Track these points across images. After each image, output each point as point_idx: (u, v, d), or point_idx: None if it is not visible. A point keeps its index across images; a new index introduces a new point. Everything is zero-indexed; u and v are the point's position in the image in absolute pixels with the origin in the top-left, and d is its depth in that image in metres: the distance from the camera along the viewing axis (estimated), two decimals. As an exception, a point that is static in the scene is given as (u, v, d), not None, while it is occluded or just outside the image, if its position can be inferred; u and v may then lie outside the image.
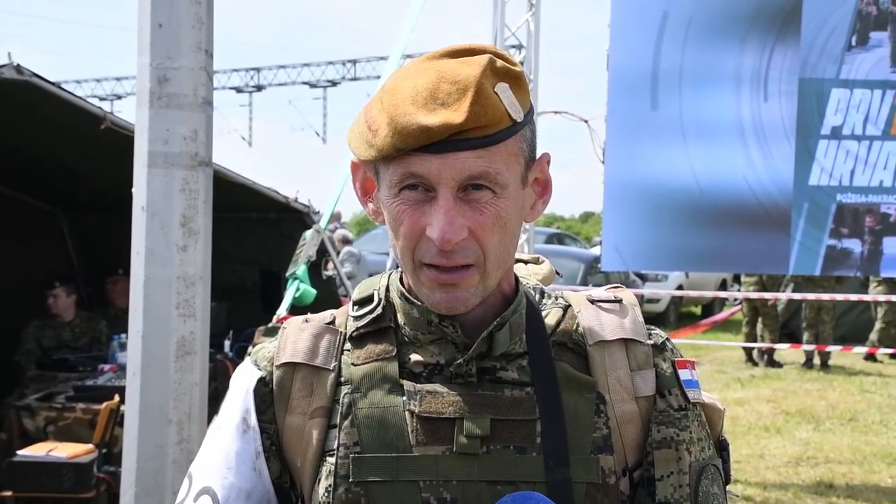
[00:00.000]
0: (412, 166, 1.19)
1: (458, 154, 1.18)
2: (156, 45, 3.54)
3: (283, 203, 7.87)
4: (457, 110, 1.17)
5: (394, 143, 1.18)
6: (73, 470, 5.02)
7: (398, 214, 1.23)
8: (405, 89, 1.20)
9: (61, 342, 7.24)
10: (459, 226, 1.20)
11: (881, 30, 6.57)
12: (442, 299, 1.25)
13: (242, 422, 1.34)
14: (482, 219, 1.22)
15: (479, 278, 1.25)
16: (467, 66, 1.20)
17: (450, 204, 1.20)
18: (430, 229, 1.20)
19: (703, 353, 13.41)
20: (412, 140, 1.17)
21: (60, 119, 6.02)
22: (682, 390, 1.35)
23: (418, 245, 1.23)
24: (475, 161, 1.19)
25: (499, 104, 1.19)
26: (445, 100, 1.17)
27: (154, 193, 3.59)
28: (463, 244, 1.21)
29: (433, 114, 1.17)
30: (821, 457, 7.81)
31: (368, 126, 1.22)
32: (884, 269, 6.83)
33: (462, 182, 1.20)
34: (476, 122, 1.17)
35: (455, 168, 1.19)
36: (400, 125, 1.17)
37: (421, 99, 1.18)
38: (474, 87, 1.17)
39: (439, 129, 1.16)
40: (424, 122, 1.16)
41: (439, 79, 1.19)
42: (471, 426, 1.26)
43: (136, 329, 3.65)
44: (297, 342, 1.36)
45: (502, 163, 1.21)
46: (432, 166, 1.19)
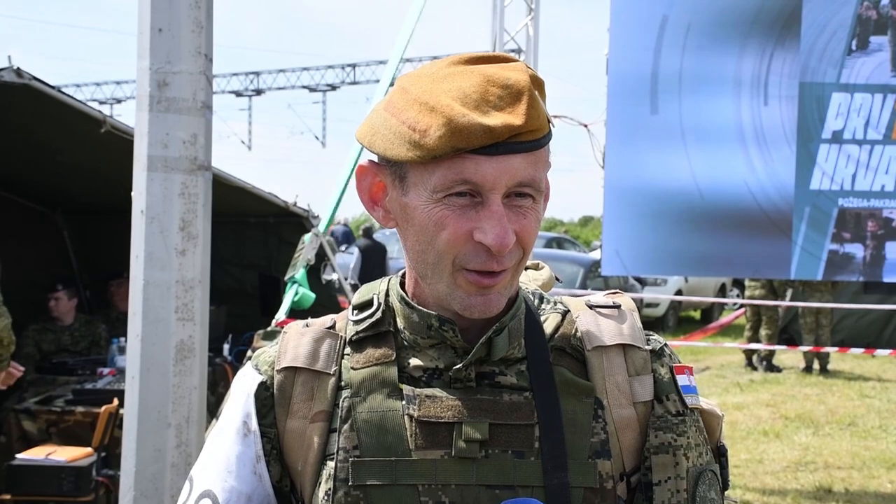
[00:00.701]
0: (465, 172, 1.19)
1: (513, 158, 1.20)
2: (155, 49, 3.55)
3: (283, 207, 7.87)
4: (513, 113, 1.19)
5: (452, 143, 1.18)
6: (72, 473, 5.02)
7: (441, 219, 1.22)
8: (449, 90, 1.21)
9: (60, 346, 7.24)
10: (511, 231, 1.21)
11: (881, 34, 6.57)
12: (478, 303, 1.25)
13: (243, 426, 1.35)
14: (526, 222, 1.24)
15: (510, 279, 1.27)
16: (514, 72, 1.22)
17: (501, 210, 1.21)
18: (482, 235, 1.20)
19: (703, 357, 13.42)
20: (473, 140, 1.18)
21: (60, 122, 6.02)
22: (679, 396, 1.35)
23: (462, 249, 1.23)
24: (525, 166, 1.21)
25: (543, 110, 1.22)
26: (497, 103, 1.19)
27: (153, 197, 3.59)
28: (511, 248, 1.23)
29: (489, 116, 1.18)
30: (820, 462, 7.81)
31: (410, 127, 1.21)
32: (886, 274, 6.83)
33: (512, 188, 1.21)
34: (531, 126, 1.20)
35: (509, 173, 1.20)
36: (460, 125, 1.17)
37: (471, 101, 1.19)
38: (528, 92, 1.20)
39: (501, 129, 1.18)
40: (486, 123, 1.17)
41: (487, 82, 1.20)
42: (469, 430, 1.26)
43: (135, 333, 3.65)
44: (298, 347, 1.36)
45: (542, 169, 1.24)
46: (487, 171, 1.19)
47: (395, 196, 1.28)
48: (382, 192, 1.31)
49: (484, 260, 1.22)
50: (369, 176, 1.32)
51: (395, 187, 1.27)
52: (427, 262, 1.26)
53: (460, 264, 1.24)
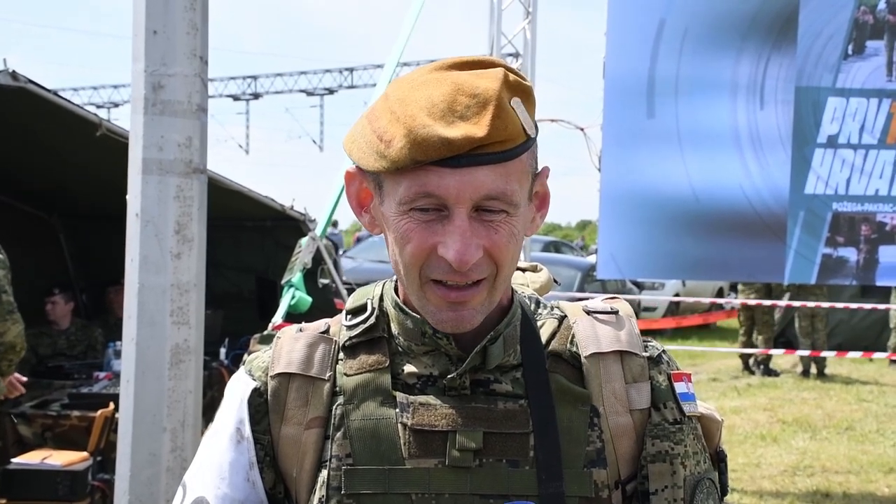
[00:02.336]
0: (428, 185, 1.17)
1: (477, 170, 1.16)
2: (150, 51, 3.53)
3: (279, 211, 7.86)
4: (477, 124, 1.14)
5: (412, 155, 1.15)
6: (67, 478, 5.00)
7: (407, 232, 1.20)
8: (418, 100, 1.17)
9: (57, 350, 7.22)
10: (476, 246, 1.18)
11: (878, 39, 6.58)
12: (449, 318, 1.23)
13: (236, 432, 1.33)
14: (497, 237, 1.20)
15: (487, 294, 1.24)
16: (485, 80, 1.18)
17: (465, 225, 1.18)
18: (444, 249, 1.18)
19: (700, 361, 13.41)
20: (432, 152, 1.14)
21: (56, 126, 6.01)
22: (677, 403, 1.33)
23: (427, 262, 1.21)
24: (493, 179, 1.17)
25: (516, 119, 1.18)
26: (464, 113, 1.15)
27: (148, 200, 3.58)
28: (477, 263, 1.19)
29: (452, 126, 1.14)
30: (817, 466, 7.80)
31: (378, 136, 1.19)
32: (879, 277, 6.84)
33: (478, 201, 1.18)
34: (497, 137, 1.15)
35: (473, 186, 1.16)
36: (419, 136, 1.14)
37: (438, 111, 1.15)
38: (495, 101, 1.15)
39: (461, 141, 1.14)
40: (446, 135, 1.14)
41: (456, 91, 1.16)
42: (463, 439, 1.25)
43: (130, 336, 3.64)
44: (292, 352, 1.35)
45: (516, 181, 1.19)
46: (450, 184, 1.16)
47: (376, 203, 1.27)
48: (369, 198, 1.29)
49: (446, 271, 1.20)
50: (356, 182, 1.31)
51: (376, 195, 1.26)
52: (400, 273, 1.25)
53: (427, 275, 1.22)
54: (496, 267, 1.22)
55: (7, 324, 4.69)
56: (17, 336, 4.76)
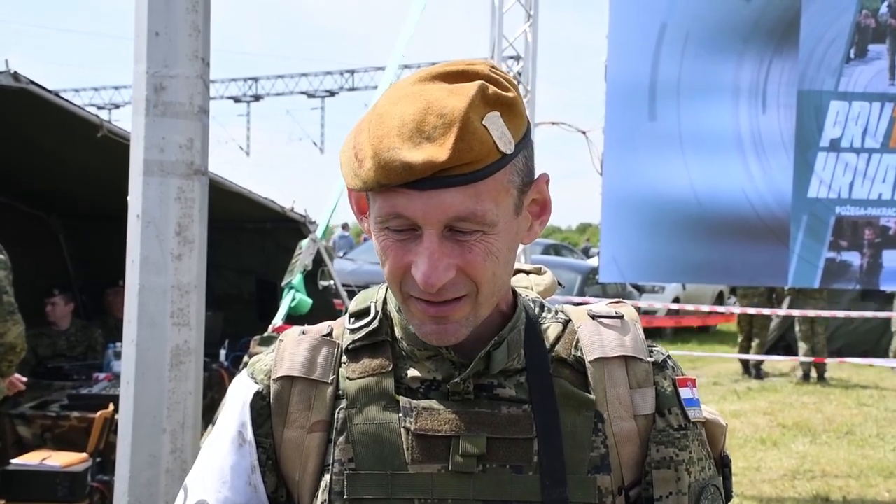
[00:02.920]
0: (397, 206, 1.16)
1: (443, 192, 1.14)
2: (152, 53, 3.53)
3: (280, 213, 7.86)
4: (441, 146, 1.12)
5: (377, 178, 1.14)
6: (66, 479, 5.00)
7: (384, 248, 1.20)
8: (392, 118, 1.15)
9: (56, 351, 7.22)
10: (445, 267, 1.16)
11: (880, 42, 6.58)
12: (432, 331, 1.22)
13: (238, 435, 1.32)
14: (471, 257, 1.18)
15: (471, 309, 1.22)
16: (455, 98, 1.14)
17: (434, 246, 1.16)
18: (415, 270, 1.17)
19: (700, 365, 13.41)
20: (395, 177, 1.13)
21: (57, 127, 6.01)
22: (682, 409, 1.32)
23: (405, 279, 1.20)
24: (461, 200, 1.15)
25: (486, 138, 1.14)
26: (431, 133, 1.12)
27: (149, 202, 3.57)
28: (452, 281, 1.18)
29: (418, 148, 1.12)
30: (817, 470, 7.79)
31: (355, 154, 1.18)
32: (883, 282, 6.84)
33: (448, 222, 1.16)
34: (460, 160, 1.12)
35: (440, 209, 1.14)
36: (383, 160, 1.13)
37: (407, 131, 1.13)
38: (459, 122, 1.12)
39: (422, 166, 1.12)
40: (407, 159, 1.12)
41: (426, 109, 1.14)
42: (467, 445, 1.24)
43: (130, 338, 3.63)
44: (295, 355, 1.34)
45: (490, 200, 1.16)
46: (416, 206, 1.15)
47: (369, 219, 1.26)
48: (367, 206, 1.27)
49: (421, 290, 1.19)
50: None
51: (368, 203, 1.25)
52: (389, 286, 1.25)
53: (407, 292, 1.21)
54: (475, 284, 1.20)
55: (7, 324, 4.69)
56: (18, 337, 4.76)
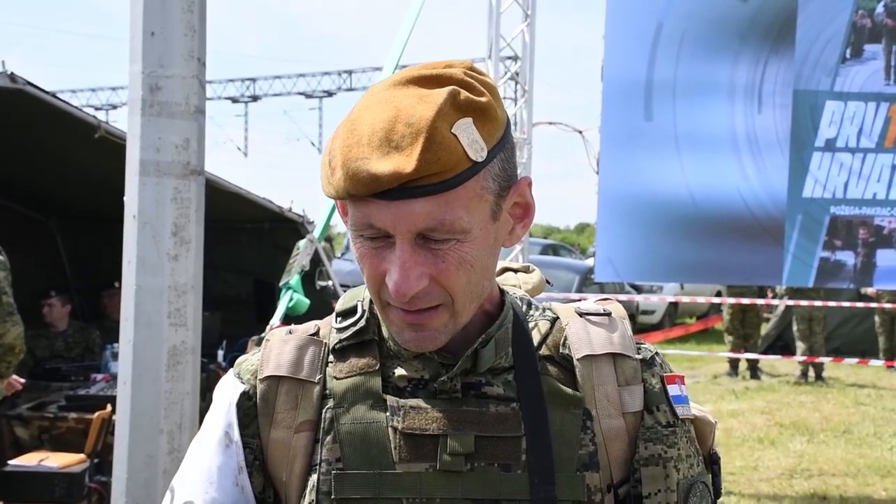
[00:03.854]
0: (369, 216, 1.16)
1: (412, 202, 1.13)
2: (148, 53, 3.53)
3: (278, 213, 7.86)
4: (408, 157, 1.11)
5: (346, 188, 1.14)
6: (64, 480, 5.00)
7: (361, 256, 1.21)
8: (364, 124, 1.15)
9: (54, 352, 7.23)
10: (417, 276, 1.16)
11: (876, 42, 6.59)
12: (411, 338, 1.23)
13: (225, 436, 1.32)
14: (444, 266, 1.18)
15: (449, 317, 1.22)
16: (424, 105, 1.13)
17: (406, 255, 1.16)
18: (388, 279, 1.17)
19: (698, 364, 13.42)
20: (363, 188, 1.13)
21: (54, 128, 6.01)
22: (670, 406, 1.32)
23: (382, 287, 1.20)
24: (430, 211, 1.14)
25: (455, 147, 1.13)
26: (399, 143, 1.12)
27: (145, 202, 3.57)
28: (425, 290, 1.18)
29: (386, 158, 1.12)
30: (815, 469, 7.81)
31: (329, 161, 1.18)
32: (877, 281, 6.85)
33: (419, 231, 1.16)
34: (427, 170, 1.12)
35: (409, 218, 1.14)
36: (351, 171, 1.13)
37: (376, 140, 1.13)
38: (426, 133, 1.11)
39: (388, 178, 1.11)
40: (374, 171, 1.12)
41: (395, 118, 1.13)
42: (454, 443, 1.24)
43: (126, 338, 3.63)
44: (281, 355, 1.33)
45: (461, 208, 1.16)
46: (386, 216, 1.15)
47: None
48: None
49: (395, 299, 1.19)
50: None
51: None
52: (368, 289, 1.25)
53: (384, 300, 1.22)
54: (448, 294, 1.20)
55: (7, 325, 4.71)
56: (17, 338, 4.78)
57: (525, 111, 8.36)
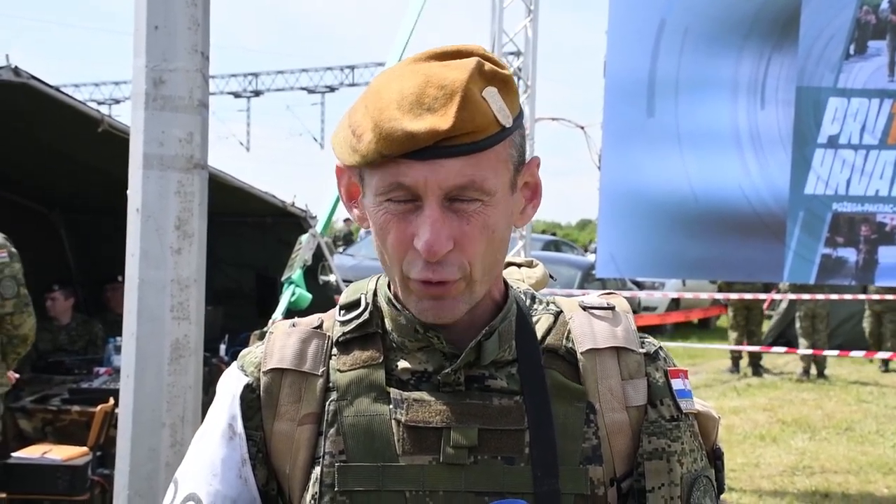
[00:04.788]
0: (399, 176, 1.17)
1: (445, 161, 1.16)
2: (151, 46, 3.53)
3: (280, 207, 7.87)
4: (443, 116, 1.14)
5: (378, 149, 1.16)
6: (67, 472, 5.02)
7: (385, 223, 1.21)
8: (391, 93, 1.17)
9: (57, 345, 7.23)
10: (446, 237, 1.17)
11: (880, 38, 6.57)
12: (430, 307, 1.23)
13: (228, 428, 1.32)
14: (468, 228, 1.19)
15: (466, 286, 1.22)
16: (454, 70, 1.17)
17: (436, 214, 1.17)
18: (417, 240, 1.18)
19: (700, 361, 13.41)
20: (397, 146, 1.14)
21: (58, 121, 6.01)
22: (674, 400, 1.32)
23: (406, 257, 1.21)
24: (462, 169, 1.16)
25: (487, 110, 1.17)
26: (432, 105, 1.14)
27: (149, 195, 3.58)
28: (448, 257, 1.19)
29: (419, 119, 1.14)
30: (816, 466, 7.81)
31: (353, 130, 1.20)
32: (879, 278, 6.84)
33: (448, 191, 1.17)
34: (463, 129, 1.14)
35: (441, 177, 1.16)
36: (385, 131, 1.15)
37: (407, 104, 1.15)
38: (461, 93, 1.14)
39: (425, 135, 1.13)
40: (410, 128, 1.14)
41: (425, 83, 1.16)
42: (458, 436, 1.24)
43: (129, 331, 3.64)
44: (285, 347, 1.34)
45: (490, 169, 1.18)
46: (418, 175, 1.16)
47: (361, 197, 1.27)
48: (357, 192, 1.29)
49: (420, 269, 1.20)
50: (345, 176, 1.31)
51: (360, 188, 1.26)
52: (385, 265, 1.25)
53: (406, 273, 1.22)
54: (467, 263, 1.21)
55: (24, 316, 4.77)
56: (31, 329, 4.86)
57: (527, 107, 8.35)
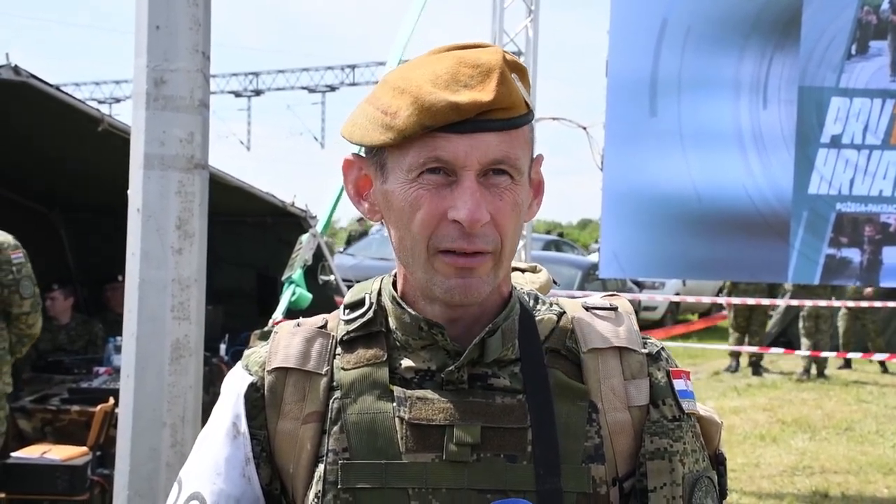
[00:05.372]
0: (437, 150, 1.20)
1: (483, 135, 1.20)
2: (153, 46, 3.53)
3: (280, 207, 7.86)
4: (483, 90, 1.18)
5: (420, 121, 1.18)
6: (67, 472, 5.01)
7: (416, 199, 1.22)
8: (422, 75, 1.21)
9: (57, 345, 7.23)
10: (484, 208, 1.20)
11: (881, 39, 6.57)
12: (457, 285, 1.23)
13: (233, 427, 1.33)
14: (502, 204, 1.22)
15: (492, 266, 1.24)
16: (486, 53, 1.22)
17: (475, 186, 1.20)
18: (455, 212, 1.19)
19: (700, 360, 13.41)
20: (441, 117, 1.18)
21: (58, 121, 6.01)
22: (676, 400, 1.33)
23: (436, 230, 1.22)
24: (499, 144, 1.20)
25: (518, 90, 1.22)
26: (468, 82, 1.19)
27: (150, 195, 3.57)
28: (484, 229, 1.21)
29: (457, 94, 1.18)
30: (816, 466, 7.80)
31: (383, 111, 1.22)
32: (883, 278, 6.83)
33: (486, 165, 1.21)
34: (502, 103, 1.19)
35: (481, 150, 1.20)
36: (427, 102, 1.18)
37: (442, 82, 1.19)
38: (499, 70, 1.19)
39: (468, 106, 1.17)
40: (454, 99, 1.18)
41: (458, 63, 1.21)
42: (461, 434, 1.24)
43: (130, 331, 3.63)
44: (289, 347, 1.34)
45: (520, 148, 1.23)
46: (458, 148, 1.19)
47: (377, 186, 1.28)
48: (368, 185, 1.31)
49: (455, 238, 1.21)
50: (354, 169, 1.33)
51: (377, 177, 1.27)
52: (406, 248, 1.26)
53: (435, 246, 1.23)
54: (500, 238, 1.23)
55: (37, 315, 4.91)
56: (40, 329, 4.99)
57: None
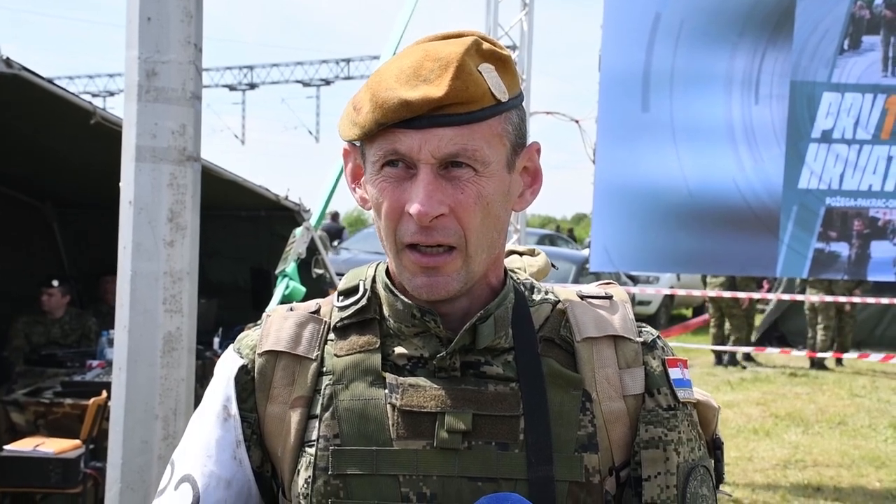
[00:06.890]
0: (394, 143, 1.20)
1: (438, 130, 1.19)
2: (144, 38, 3.52)
3: (274, 201, 7.86)
4: (437, 85, 1.18)
5: (375, 119, 1.19)
6: (59, 465, 5.00)
7: (381, 192, 1.23)
8: (391, 70, 1.22)
9: (50, 338, 7.22)
10: (438, 201, 1.19)
11: (874, 34, 6.58)
12: (423, 283, 1.24)
13: (223, 410, 1.34)
14: (463, 197, 1.21)
15: (462, 262, 1.24)
16: (452, 46, 1.21)
17: (429, 179, 1.20)
18: (410, 204, 1.20)
19: (694, 355, 13.42)
20: (392, 114, 1.18)
21: (50, 114, 5.99)
22: (671, 389, 1.32)
23: (399, 224, 1.22)
24: (454, 137, 1.19)
25: (481, 82, 1.20)
26: (427, 76, 1.19)
27: (141, 188, 3.57)
28: (443, 222, 1.21)
29: (414, 89, 1.18)
30: (809, 460, 7.82)
31: (354, 106, 1.24)
32: (871, 272, 6.85)
33: (442, 159, 1.20)
34: (456, 98, 1.18)
35: (433, 144, 1.19)
36: (381, 100, 1.19)
37: (404, 76, 1.20)
38: (456, 63, 1.18)
39: (419, 102, 1.17)
40: (404, 97, 1.18)
41: (423, 57, 1.21)
42: (452, 421, 1.24)
43: (122, 324, 3.62)
44: (281, 330, 1.35)
45: (483, 141, 1.21)
46: (413, 142, 1.19)
47: (364, 177, 1.29)
48: (361, 174, 1.31)
49: (414, 231, 1.21)
50: (350, 158, 1.34)
51: (364, 168, 1.29)
52: (383, 239, 1.27)
53: (401, 240, 1.23)
54: (463, 232, 1.22)
55: None
56: None
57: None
